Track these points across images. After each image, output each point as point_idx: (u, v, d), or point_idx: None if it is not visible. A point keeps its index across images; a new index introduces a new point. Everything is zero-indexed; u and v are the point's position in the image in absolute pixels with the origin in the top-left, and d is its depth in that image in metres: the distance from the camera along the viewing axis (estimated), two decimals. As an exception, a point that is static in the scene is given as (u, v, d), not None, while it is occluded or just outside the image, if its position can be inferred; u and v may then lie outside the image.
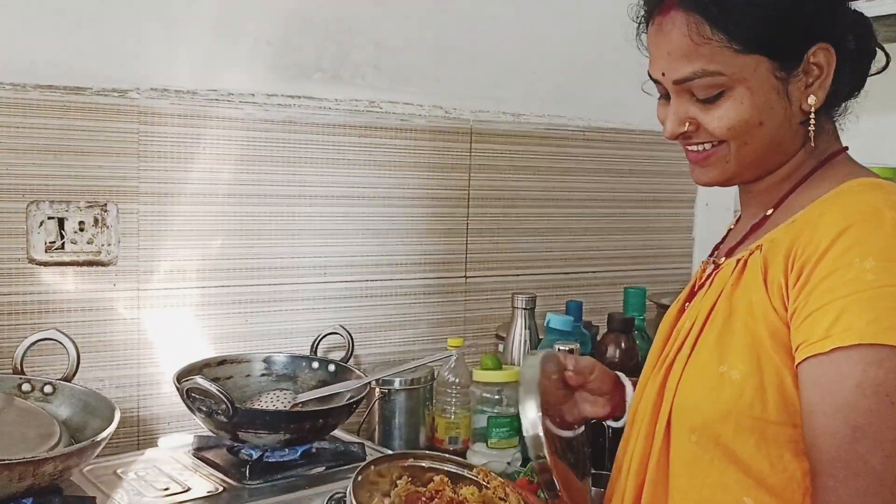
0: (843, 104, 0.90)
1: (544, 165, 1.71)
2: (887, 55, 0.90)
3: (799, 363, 0.75)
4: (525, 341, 1.50)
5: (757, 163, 0.88)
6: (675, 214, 1.89)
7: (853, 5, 0.94)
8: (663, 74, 0.86)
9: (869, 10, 1.47)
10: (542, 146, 1.71)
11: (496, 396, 1.41)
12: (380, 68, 1.53)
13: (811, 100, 0.84)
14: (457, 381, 1.44)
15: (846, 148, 0.91)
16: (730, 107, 0.84)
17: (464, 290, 1.65)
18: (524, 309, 1.51)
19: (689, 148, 0.89)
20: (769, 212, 0.89)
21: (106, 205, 1.30)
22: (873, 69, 0.89)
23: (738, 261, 0.86)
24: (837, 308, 0.72)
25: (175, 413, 1.34)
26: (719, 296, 0.86)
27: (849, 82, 0.87)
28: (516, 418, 1.41)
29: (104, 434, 1.02)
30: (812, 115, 0.85)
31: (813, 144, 0.86)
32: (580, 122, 1.74)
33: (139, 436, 1.35)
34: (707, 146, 0.87)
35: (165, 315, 1.36)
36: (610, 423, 1.05)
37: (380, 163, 1.53)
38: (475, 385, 1.43)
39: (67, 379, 1.17)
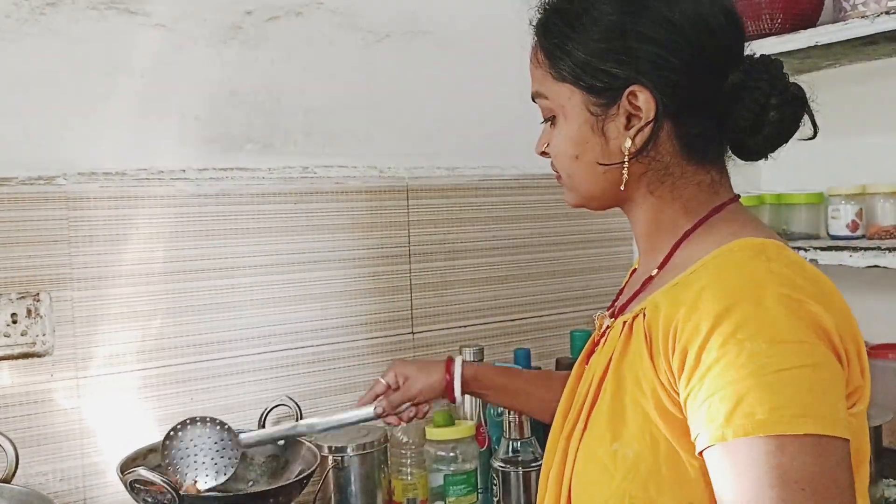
0: (719, 152, 0.85)
1: (482, 215, 1.73)
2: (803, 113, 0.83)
3: (701, 451, 0.70)
4: (476, 394, 1.50)
5: (593, 196, 0.87)
6: (614, 253, 1.92)
7: (756, 47, 0.94)
8: None
9: (778, 47, 1.54)
10: (479, 196, 1.73)
11: (451, 454, 1.41)
12: (311, 134, 1.53)
13: (626, 143, 0.81)
14: (410, 440, 1.43)
15: (736, 197, 0.87)
16: (556, 134, 0.87)
17: (412, 347, 1.64)
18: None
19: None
20: (654, 272, 0.85)
21: (38, 294, 1.28)
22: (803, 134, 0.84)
23: (625, 323, 0.82)
24: (734, 395, 0.67)
25: (124, 501, 1.30)
26: (609, 362, 0.82)
27: (712, 131, 0.83)
28: (473, 474, 1.41)
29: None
30: (626, 159, 0.82)
31: (623, 188, 0.83)
32: (514, 170, 1.77)
33: (87, 529, 1.31)
34: (555, 171, 0.91)
35: (107, 401, 1.33)
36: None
37: (317, 227, 1.53)
38: (429, 443, 1.43)
39: (7, 480, 1.14)
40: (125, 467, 1.15)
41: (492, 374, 1.20)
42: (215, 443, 1.21)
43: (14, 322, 1.26)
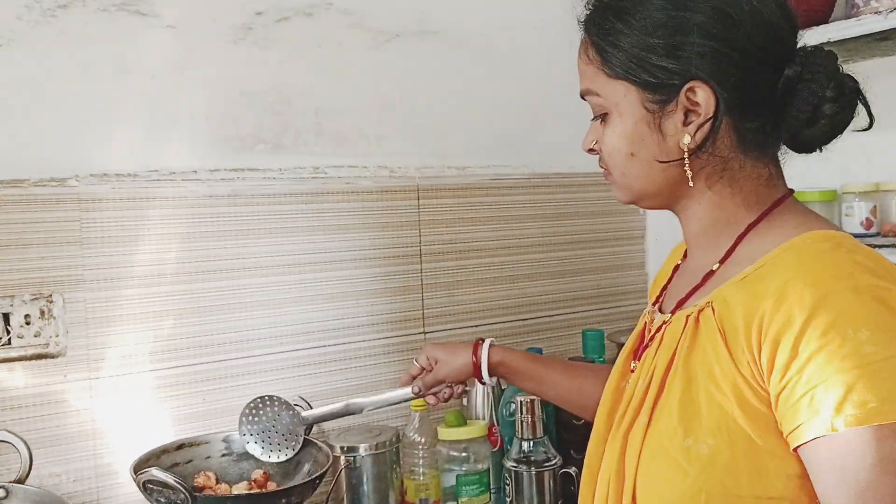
0: (775, 145, 0.84)
1: (493, 215, 1.73)
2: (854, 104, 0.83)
3: (804, 444, 0.69)
4: (487, 394, 1.50)
5: (648, 193, 0.86)
6: (627, 252, 1.91)
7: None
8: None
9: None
10: (489, 196, 1.72)
11: (463, 454, 1.40)
12: (322, 133, 1.53)
13: (685, 139, 0.80)
14: (422, 440, 1.43)
15: (791, 191, 0.86)
16: (609, 132, 0.86)
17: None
18: (484, 362, 1.51)
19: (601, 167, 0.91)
20: (715, 266, 0.84)
21: (51, 296, 1.28)
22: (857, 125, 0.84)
23: (689, 317, 0.81)
24: (842, 384, 0.67)
25: (137, 502, 1.31)
26: (673, 356, 0.81)
27: (769, 124, 0.82)
28: (485, 474, 1.41)
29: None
30: (686, 156, 0.81)
31: (692, 184, 0.82)
32: (525, 169, 1.76)
33: (101, 529, 1.32)
34: (605, 168, 0.89)
35: (120, 402, 1.33)
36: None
37: (328, 227, 1.53)
38: (441, 444, 1.42)
39: (20, 481, 1.14)
40: (138, 468, 1.15)
41: (518, 359, 1.19)
42: (284, 423, 1.27)
43: (27, 323, 1.26)
